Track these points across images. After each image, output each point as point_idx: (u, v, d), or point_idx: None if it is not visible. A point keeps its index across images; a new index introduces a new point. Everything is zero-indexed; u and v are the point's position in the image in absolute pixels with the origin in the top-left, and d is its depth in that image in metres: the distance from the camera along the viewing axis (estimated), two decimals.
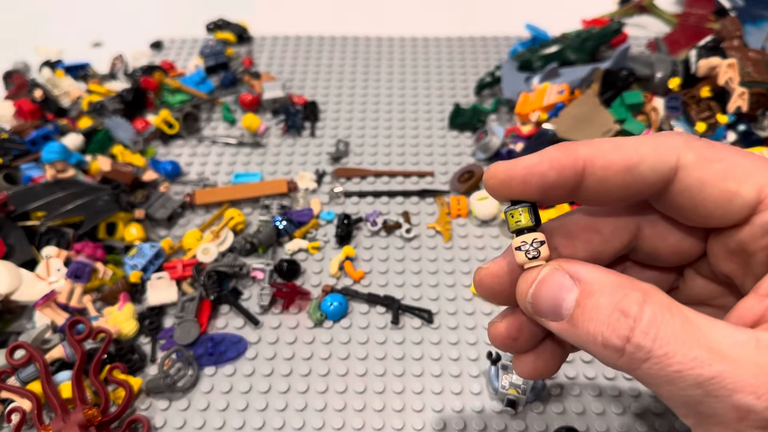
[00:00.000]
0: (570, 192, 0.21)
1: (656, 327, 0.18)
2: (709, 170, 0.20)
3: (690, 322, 0.18)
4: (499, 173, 0.21)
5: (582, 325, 0.19)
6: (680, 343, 0.18)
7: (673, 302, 0.19)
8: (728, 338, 0.18)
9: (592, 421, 0.39)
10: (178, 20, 0.78)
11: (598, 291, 0.19)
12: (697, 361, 0.17)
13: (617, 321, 0.18)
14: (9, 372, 0.40)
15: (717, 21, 0.67)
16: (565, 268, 0.20)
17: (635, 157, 0.20)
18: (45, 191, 0.49)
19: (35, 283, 0.44)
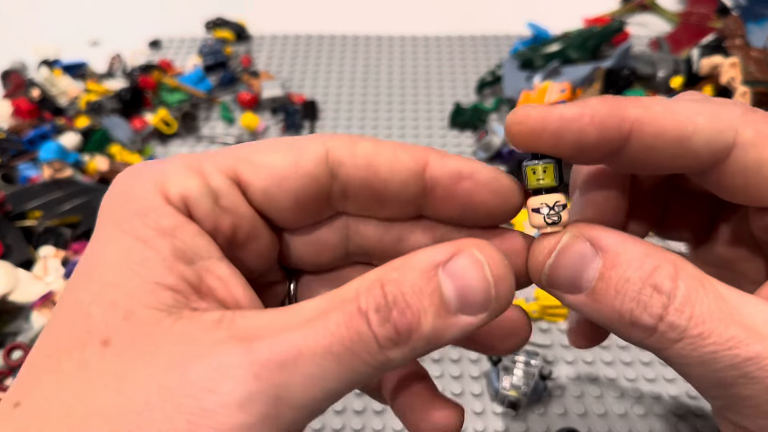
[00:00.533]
0: (608, 155, 0.18)
1: (691, 305, 0.16)
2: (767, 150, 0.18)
3: (724, 299, 0.17)
4: (531, 120, 0.18)
5: (606, 300, 0.17)
6: (716, 322, 0.16)
7: (704, 276, 0.17)
8: (763, 315, 0.16)
9: (593, 422, 0.39)
10: (177, 19, 0.77)
11: (626, 262, 0.17)
12: (734, 341, 0.16)
13: (650, 297, 0.17)
14: (6, 373, 0.40)
15: (719, 20, 0.67)
16: (586, 234, 0.18)
17: (690, 127, 0.17)
18: (42, 191, 0.49)
19: (33, 284, 0.44)
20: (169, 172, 0.18)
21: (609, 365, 0.42)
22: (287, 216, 0.19)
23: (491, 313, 0.17)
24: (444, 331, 0.16)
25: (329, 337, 0.15)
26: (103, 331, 0.16)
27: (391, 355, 0.16)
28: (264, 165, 0.18)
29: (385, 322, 0.16)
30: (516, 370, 0.39)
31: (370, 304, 0.16)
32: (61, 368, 0.16)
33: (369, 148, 0.19)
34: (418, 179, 0.19)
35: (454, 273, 0.16)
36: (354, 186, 0.19)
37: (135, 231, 0.17)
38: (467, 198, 0.19)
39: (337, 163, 0.19)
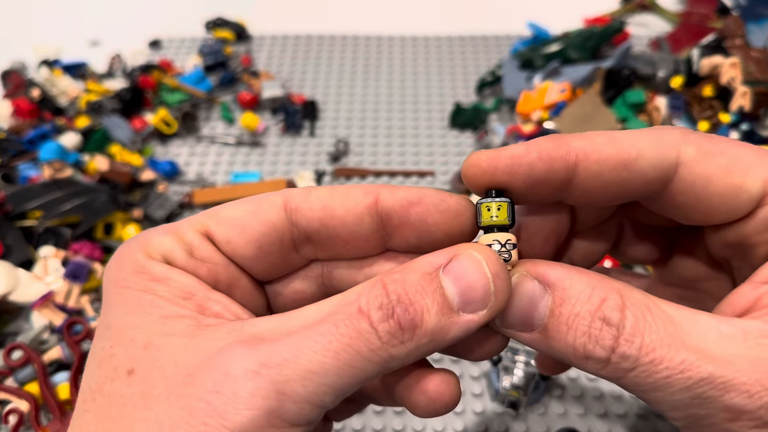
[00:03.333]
0: (559, 188, 0.19)
1: (640, 333, 0.17)
2: (713, 165, 0.18)
3: (673, 322, 0.17)
4: (483, 162, 0.19)
5: (559, 336, 0.18)
6: (666, 347, 0.17)
7: (651, 300, 0.18)
8: (713, 333, 0.17)
9: (593, 422, 0.39)
10: (177, 19, 0.77)
11: (574, 296, 0.18)
12: (685, 364, 0.16)
13: (600, 330, 0.17)
14: (6, 373, 0.40)
15: (719, 20, 0.67)
16: (534, 271, 0.19)
17: (633, 152, 0.18)
18: (42, 191, 0.49)
19: (33, 284, 0.44)
20: (149, 236, 0.20)
21: None
22: (256, 264, 0.21)
23: (491, 310, 0.18)
24: (448, 328, 0.17)
25: (328, 335, 0.17)
26: (128, 363, 0.18)
27: (394, 352, 0.17)
28: (227, 217, 0.20)
29: (388, 318, 0.17)
30: (516, 370, 0.39)
31: (372, 303, 0.17)
32: (96, 405, 0.18)
33: (322, 192, 0.20)
34: (372, 212, 0.20)
35: (456, 273, 0.18)
36: (314, 229, 0.20)
37: (134, 285, 0.19)
38: (420, 222, 0.20)
39: (294, 209, 0.20)
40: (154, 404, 0.17)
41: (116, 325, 0.19)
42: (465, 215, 0.20)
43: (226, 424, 0.16)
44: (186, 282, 0.20)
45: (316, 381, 0.16)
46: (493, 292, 0.18)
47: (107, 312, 0.20)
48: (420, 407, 0.20)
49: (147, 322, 0.19)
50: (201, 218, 0.21)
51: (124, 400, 0.17)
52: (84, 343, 0.41)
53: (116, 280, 0.20)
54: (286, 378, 0.16)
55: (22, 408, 0.38)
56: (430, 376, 0.19)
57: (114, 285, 0.20)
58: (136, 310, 0.19)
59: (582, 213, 0.23)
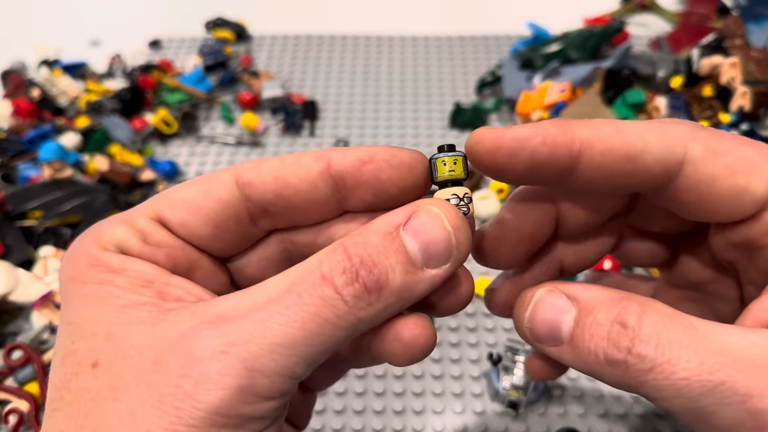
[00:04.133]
0: (560, 174, 0.19)
1: (657, 334, 0.17)
2: (718, 165, 0.18)
3: (695, 328, 0.17)
4: (487, 140, 0.19)
5: (582, 344, 0.18)
6: (684, 348, 0.17)
7: (676, 312, 0.18)
8: (740, 340, 0.17)
9: (593, 422, 0.39)
10: (177, 19, 0.77)
11: (597, 307, 0.18)
12: (704, 366, 0.16)
13: (617, 334, 0.18)
14: (6, 373, 0.40)
15: (719, 20, 0.67)
16: (561, 288, 0.19)
17: (639, 144, 0.18)
18: (42, 191, 0.49)
19: (33, 284, 0.44)
20: (101, 228, 0.20)
21: None
22: (214, 243, 0.21)
23: (454, 263, 0.18)
24: (414, 285, 0.17)
25: (293, 307, 0.17)
26: (91, 356, 0.18)
27: (361, 315, 0.17)
28: (179, 200, 0.20)
29: (353, 282, 0.17)
30: (516, 370, 0.39)
31: (335, 268, 0.17)
32: (64, 402, 0.17)
33: (273, 162, 0.20)
34: (325, 177, 0.20)
35: (416, 229, 0.18)
36: (269, 201, 0.20)
37: (91, 278, 0.19)
38: (375, 179, 0.19)
39: (246, 183, 0.20)
40: (123, 395, 0.17)
41: (76, 321, 0.19)
42: (418, 168, 0.20)
43: (198, 405, 0.16)
44: (143, 270, 0.19)
45: (285, 353, 0.16)
46: (455, 245, 0.18)
47: (66, 308, 0.19)
48: (396, 354, 0.19)
49: (107, 314, 0.18)
50: (151, 204, 0.20)
51: (92, 394, 0.17)
52: None
53: (72, 275, 0.19)
54: (254, 354, 0.16)
55: (22, 408, 0.38)
56: (402, 321, 0.19)
57: (71, 281, 0.19)
58: (95, 303, 0.19)
59: (570, 219, 0.23)
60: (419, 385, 0.41)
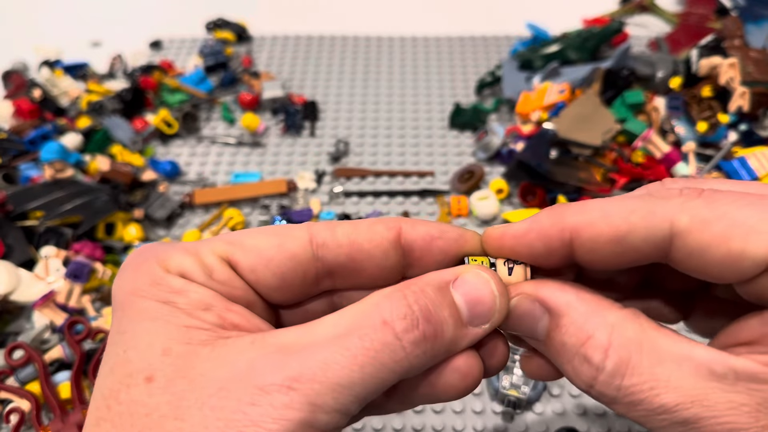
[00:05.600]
0: (562, 260, 0.20)
1: (620, 377, 0.18)
2: (708, 233, 0.18)
3: (662, 360, 0.18)
4: (492, 240, 0.21)
5: (550, 354, 0.20)
6: (647, 392, 0.17)
7: (645, 335, 0.18)
8: (703, 372, 0.17)
9: (592, 421, 0.39)
10: (178, 19, 0.77)
11: (565, 326, 0.19)
12: (663, 409, 0.17)
13: (580, 366, 0.19)
14: (8, 372, 0.40)
15: (718, 20, 0.67)
16: (538, 293, 0.20)
17: (623, 227, 0.19)
18: (44, 191, 0.49)
19: (34, 283, 0.44)
20: (168, 253, 0.20)
21: None
22: (277, 294, 0.21)
23: (492, 324, 0.20)
24: (461, 339, 0.19)
25: (353, 349, 0.18)
26: (145, 369, 0.18)
27: (414, 362, 0.18)
28: (253, 246, 0.21)
29: (414, 329, 0.18)
30: (516, 370, 0.39)
31: (395, 313, 0.18)
32: (112, 413, 0.18)
33: (348, 227, 0.21)
34: (396, 246, 0.21)
35: (466, 289, 0.19)
36: (340, 263, 0.21)
37: (152, 296, 0.19)
38: (442, 254, 0.21)
39: (320, 244, 0.21)
40: (186, 415, 0.17)
41: (131, 331, 0.19)
42: (477, 245, 0.22)
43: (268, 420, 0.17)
44: (205, 294, 0.20)
45: (344, 393, 0.17)
46: (498, 308, 0.19)
47: (121, 319, 0.19)
48: (454, 386, 0.20)
49: (166, 329, 0.19)
50: (223, 244, 0.21)
51: (147, 409, 0.17)
52: (85, 342, 0.41)
53: (132, 289, 0.19)
54: (317, 391, 0.17)
55: (23, 407, 0.38)
56: (458, 354, 0.20)
57: (130, 294, 0.19)
58: (154, 318, 0.19)
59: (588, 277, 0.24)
60: None
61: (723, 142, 0.52)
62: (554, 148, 0.52)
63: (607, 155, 0.53)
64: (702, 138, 0.52)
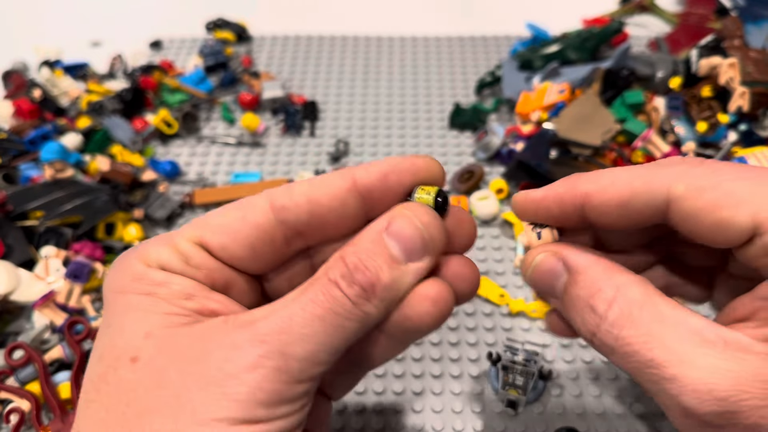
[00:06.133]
0: (578, 221, 0.23)
1: (619, 328, 0.20)
2: (701, 201, 0.20)
3: (660, 320, 0.20)
4: (517, 204, 0.24)
5: (566, 309, 0.23)
6: (641, 344, 0.20)
7: (649, 298, 0.20)
8: (696, 338, 0.19)
9: (592, 421, 0.39)
10: (177, 19, 0.77)
11: (581, 282, 0.22)
12: (653, 363, 0.19)
13: (587, 315, 0.21)
14: (7, 372, 0.40)
15: (718, 20, 0.67)
16: (560, 253, 0.23)
17: (627, 192, 0.21)
18: (44, 191, 0.49)
19: (34, 283, 0.44)
20: (147, 247, 0.22)
21: (608, 365, 0.42)
22: (252, 264, 0.23)
23: (431, 253, 0.21)
24: (402, 278, 0.21)
25: (311, 304, 0.20)
26: (130, 351, 0.20)
27: (366, 308, 0.20)
28: (218, 225, 0.22)
29: (352, 284, 0.20)
30: (516, 370, 0.39)
31: (337, 274, 0.20)
32: (101, 394, 0.19)
33: (305, 185, 0.22)
34: (353, 194, 0.22)
35: (394, 231, 0.21)
36: (303, 222, 0.22)
37: (135, 290, 0.21)
38: (400, 187, 0.22)
39: (280, 208, 0.22)
40: (167, 383, 0.19)
41: (117, 323, 0.21)
42: (434, 170, 0.23)
43: (241, 382, 0.18)
44: (185, 284, 0.21)
45: (311, 341, 0.19)
46: (429, 239, 0.21)
47: (108, 314, 0.21)
48: (428, 312, 0.21)
49: (147, 317, 0.20)
50: (193, 229, 0.22)
51: (132, 384, 0.19)
52: (85, 342, 0.41)
53: (116, 287, 0.21)
54: (285, 341, 0.19)
55: (23, 407, 0.38)
56: (426, 283, 0.22)
57: (115, 291, 0.21)
58: (138, 309, 0.21)
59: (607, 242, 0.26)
60: (419, 384, 0.41)
61: (723, 142, 0.52)
62: (554, 148, 0.52)
63: (607, 155, 0.53)
64: (702, 138, 0.53)
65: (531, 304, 0.45)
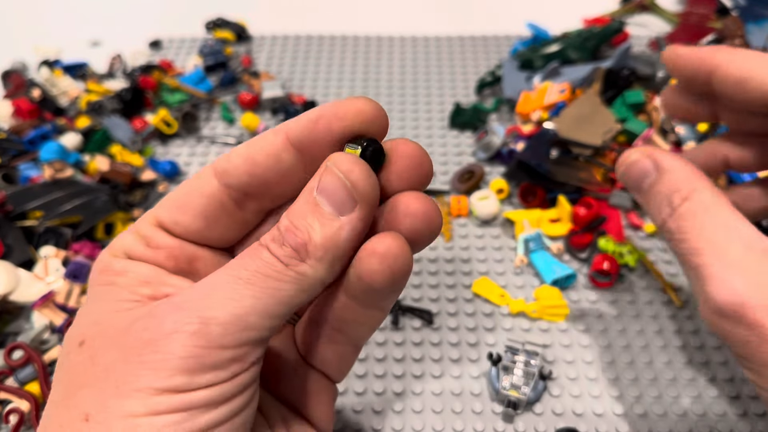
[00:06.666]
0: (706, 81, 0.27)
1: (683, 220, 0.24)
2: None
3: (716, 220, 0.23)
4: (666, 55, 0.29)
5: (647, 201, 0.27)
6: (694, 235, 0.24)
7: (715, 203, 0.24)
8: (741, 241, 0.23)
9: (592, 422, 0.39)
10: (177, 19, 0.77)
11: (666, 180, 0.26)
12: (696, 251, 0.23)
13: (664, 206, 0.25)
14: (7, 373, 0.40)
15: (719, 20, 0.67)
16: (653, 156, 0.27)
17: (744, 73, 0.25)
18: (43, 191, 0.49)
19: (33, 284, 0.44)
20: (117, 238, 0.23)
21: (609, 365, 0.42)
22: (210, 233, 0.23)
23: (362, 202, 0.20)
24: (337, 233, 0.20)
25: (237, 269, 0.20)
26: (79, 336, 0.21)
27: (301, 269, 0.20)
28: (169, 201, 0.23)
29: (282, 245, 0.20)
30: (516, 370, 0.39)
31: (268, 239, 0.20)
32: (57, 379, 0.21)
33: (242, 147, 0.22)
34: (286, 148, 0.22)
35: (323, 187, 0.20)
36: (245, 183, 0.22)
37: (99, 282, 0.22)
38: (328, 134, 0.21)
39: (221, 172, 0.22)
40: (100, 359, 0.20)
41: (80, 314, 0.22)
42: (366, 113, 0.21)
43: (157, 349, 0.19)
44: (143, 272, 0.22)
45: (236, 305, 0.19)
46: (354, 188, 0.20)
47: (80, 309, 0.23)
48: (376, 270, 0.21)
49: (102, 306, 0.21)
50: (152, 211, 0.23)
51: (75, 365, 0.20)
52: None
53: (90, 281, 0.23)
54: (206, 306, 0.19)
55: (22, 408, 0.38)
56: (375, 238, 0.21)
57: (89, 287, 0.23)
58: (98, 300, 0.22)
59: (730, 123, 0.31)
60: (419, 385, 0.41)
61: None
62: (555, 148, 0.51)
63: (608, 155, 0.53)
64: (702, 138, 0.52)
65: (531, 305, 0.45)
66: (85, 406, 0.19)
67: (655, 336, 0.43)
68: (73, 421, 0.19)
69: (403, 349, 0.43)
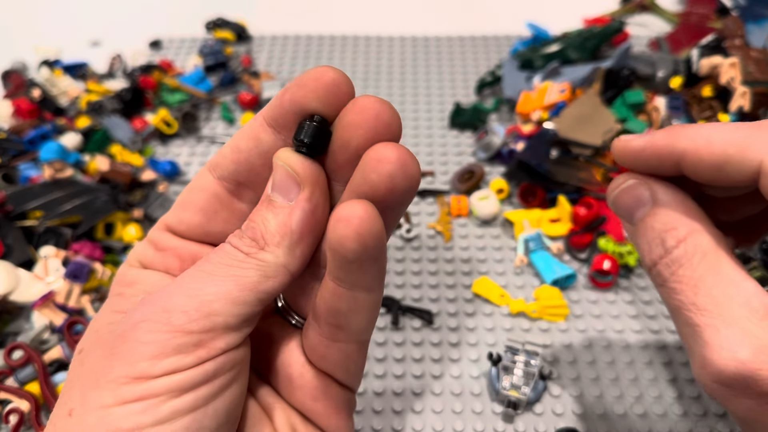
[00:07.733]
0: (675, 173, 0.23)
1: (678, 265, 0.21)
2: None
3: (716, 272, 0.21)
4: (616, 150, 0.25)
5: (639, 234, 0.24)
6: (691, 286, 0.21)
7: (714, 250, 0.21)
8: (743, 299, 0.20)
9: (593, 422, 0.39)
10: (177, 19, 0.77)
11: (661, 215, 0.23)
12: (694, 307, 0.21)
13: (655, 246, 0.22)
14: (7, 373, 0.40)
15: (719, 20, 0.67)
16: (650, 184, 0.24)
17: (721, 157, 0.21)
18: (43, 191, 0.49)
19: (33, 284, 0.44)
20: (133, 248, 0.25)
21: (609, 365, 0.42)
22: (211, 227, 0.24)
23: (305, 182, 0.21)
24: (289, 216, 0.21)
25: (202, 263, 0.21)
26: (81, 345, 0.22)
27: (261, 256, 0.21)
28: (175, 204, 0.25)
29: (242, 237, 0.21)
30: (516, 370, 0.39)
31: (230, 237, 0.22)
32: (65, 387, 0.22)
33: (231, 139, 0.23)
34: (264, 129, 0.22)
35: (274, 184, 0.22)
36: (233, 171, 0.23)
37: (113, 292, 0.24)
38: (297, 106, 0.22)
39: (213, 166, 0.24)
40: (87, 361, 0.21)
41: (90, 327, 0.23)
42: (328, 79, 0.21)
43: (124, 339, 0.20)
44: (151, 280, 0.23)
45: (199, 294, 0.20)
46: (296, 173, 0.21)
47: None
48: (346, 236, 0.20)
49: (108, 316, 0.23)
50: (162, 217, 0.25)
51: (73, 370, 0.22)
52: None
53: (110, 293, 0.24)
54: (169, 294, 0.20)
55: (22, 408, 0.38)
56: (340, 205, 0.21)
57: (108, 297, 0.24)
58: (107, 309, 0.23)
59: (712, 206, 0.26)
60: (419, 385, 0.41)
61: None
62: (555, 148, 0.51)
63: (608, 155, 0.53)
64: None
65: (531, 305, 0.45)
66: (71, 402, 0.20)
67: (654, 336, 0.43)
68: (60, 417, 0.20)
69: (403, 349, 0.43)
